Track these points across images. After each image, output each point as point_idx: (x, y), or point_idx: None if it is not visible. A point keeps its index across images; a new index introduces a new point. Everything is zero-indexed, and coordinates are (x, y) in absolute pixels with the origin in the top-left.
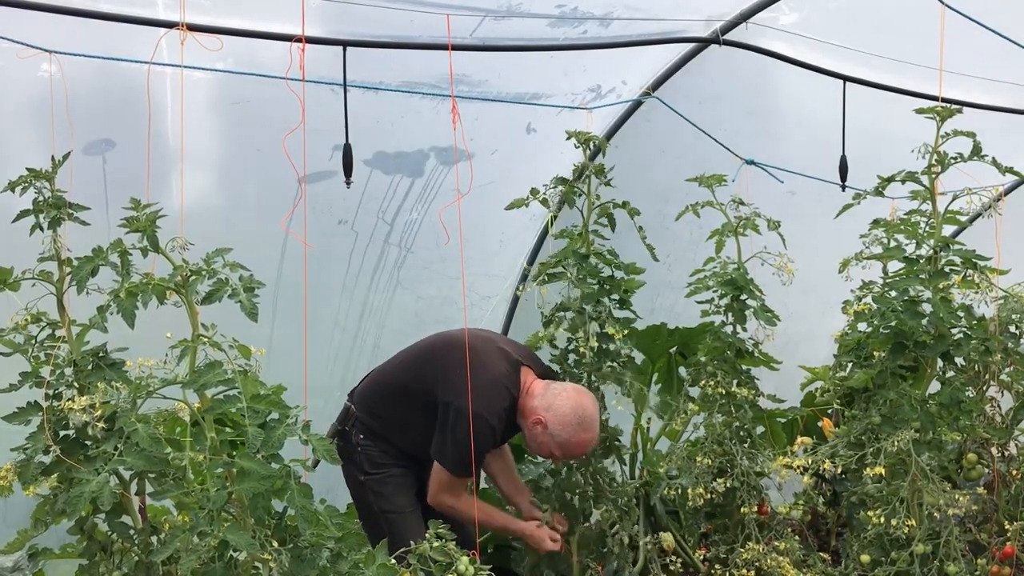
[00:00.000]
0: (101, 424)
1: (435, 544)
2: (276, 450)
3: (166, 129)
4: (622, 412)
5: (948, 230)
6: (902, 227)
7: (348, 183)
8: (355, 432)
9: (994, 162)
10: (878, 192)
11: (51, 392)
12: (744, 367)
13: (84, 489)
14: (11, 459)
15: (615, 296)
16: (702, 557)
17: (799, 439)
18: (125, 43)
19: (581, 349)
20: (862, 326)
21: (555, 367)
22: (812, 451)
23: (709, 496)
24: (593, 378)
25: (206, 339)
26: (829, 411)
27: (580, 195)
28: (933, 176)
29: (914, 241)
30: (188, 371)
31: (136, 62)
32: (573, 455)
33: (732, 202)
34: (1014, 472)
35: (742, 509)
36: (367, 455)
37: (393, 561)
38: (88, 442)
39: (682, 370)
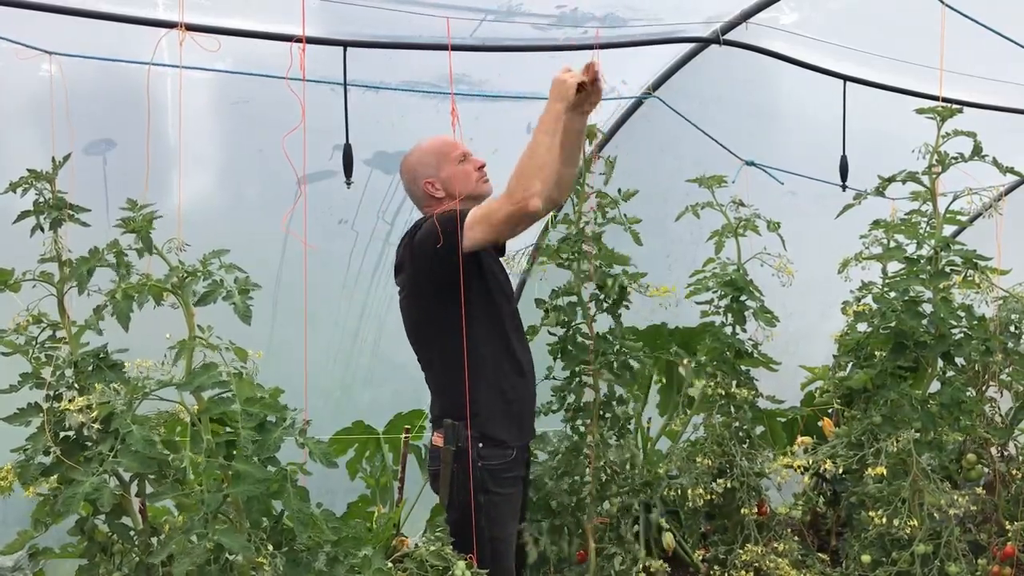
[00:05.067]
0: (97, 425)
1: (431, 548)
2: (272, 453)
3: (166, 129)
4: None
5: (948, 230)
6: (902, 227)
7: (348, 183)
8: (468, 444)
9: (995, 162)
10: (878, 192)
11: (52, 393)
12: (743, 367)
13: (78, 490)
14: (11, 460)
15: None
16: (701, 557)
17: (799, 439)
18: (125, 43)
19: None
20: (862, 326)
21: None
22: (812, 451)
23: (709, 496)
24: (589, 373)
25: (202, 340)
26: (829, 411)
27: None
28: (934, 176)
29: (914, 241)
30: (184, 372)
31: (136, 63)
32: (446, 155)
33: (732, 203)
34: (1014, 472)
35: (742, 510)
36: (489, 470)
37: (390, 565)
38: (87, 443)
39: (682, 370)
